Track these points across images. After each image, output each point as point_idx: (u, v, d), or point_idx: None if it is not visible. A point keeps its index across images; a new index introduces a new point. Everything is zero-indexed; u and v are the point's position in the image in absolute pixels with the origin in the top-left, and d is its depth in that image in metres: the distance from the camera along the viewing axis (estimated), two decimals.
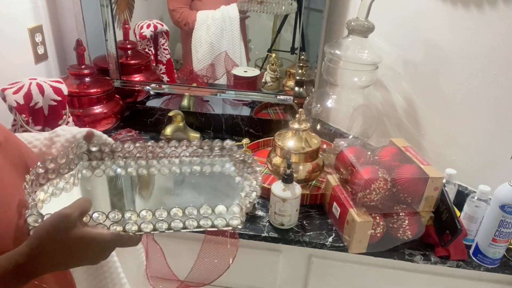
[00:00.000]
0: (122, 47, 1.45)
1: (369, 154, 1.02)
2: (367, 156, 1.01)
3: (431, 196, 0.92)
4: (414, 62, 1.13)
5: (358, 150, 1.02)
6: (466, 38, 1.01)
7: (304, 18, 1.30)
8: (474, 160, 1.07)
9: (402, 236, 0.95)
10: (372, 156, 1.01)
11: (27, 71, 1.30)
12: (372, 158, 1.01)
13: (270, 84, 1.45)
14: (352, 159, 0.96)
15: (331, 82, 1.18)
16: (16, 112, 0.98)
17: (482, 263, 0.95)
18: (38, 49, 1.33)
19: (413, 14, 1.10)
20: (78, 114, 1.26)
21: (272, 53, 1.46)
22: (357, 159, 0.97)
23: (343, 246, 0.97)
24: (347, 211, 0.94)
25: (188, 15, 1.41)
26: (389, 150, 1.01)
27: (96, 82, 1.30)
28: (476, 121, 1.04)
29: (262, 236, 0.98)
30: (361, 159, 0.99)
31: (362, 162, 0.98)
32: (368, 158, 1.01)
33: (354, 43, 1.11)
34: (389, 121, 1.24)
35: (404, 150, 1.00)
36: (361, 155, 1.00)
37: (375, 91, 1.25)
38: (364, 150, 1.03)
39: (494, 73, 0.98)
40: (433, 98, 1.12)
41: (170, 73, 1.53)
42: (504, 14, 0.93)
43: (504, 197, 0.88)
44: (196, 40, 1.43)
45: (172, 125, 1.38)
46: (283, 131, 1.12)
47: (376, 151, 1.02)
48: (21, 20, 1.25)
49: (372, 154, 1.02)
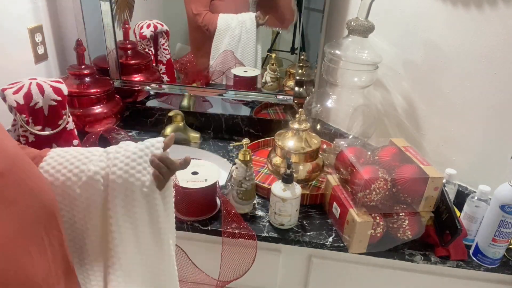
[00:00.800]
0: (122, 47, 1.44)
1: (369, 154, 1.02)
2: (367, 156, 1.01)
3: (431, 196, 0.92)
4: (414, 62, 1.13)
5: (358, 150, 1.01)
6: (466, 38, 1.01)
7: (304, 18, 1.30)
8: (474, 160, 1.07)
9: (402, 236, 0.95)
10: (372, 156, 1.01)
11: (27, 71, 1.30)
12: (372, 158, 1.01)
13: (270, 84, 1.45)
14: (352, 159, 0.96)
15: (331, 82, 1.17)
16: (16, 112, 0.98)
17: (482, 263, 0.95)
18: (38, 49, 1.33)
19: (413, 14, 1.10)
20: (78, 114, 1.26)
21: (272, 53, 1.46)
22: (357, 159, 0.97)
23: (343, 246, 0.97)
24: (347, 211, 0.94)
25: (210, 19, 1.40)
26: (389, 150, 1.01)
27: (96, 82, 1.30)
28: (476, 121, 1.04)
29: (262, 236, 0.98)
30: (361, 159, 0.99)
31: (362, 162, 0.98)
32: (368, 158, 1.01)
33: (354, 43, 1.11)
34: (389, 121, 1.24)
35: (404, 150, 1.00)
36: (361, 155, 1.00)
37: (375, 91, 1.25)
38: (364, 150, 1.03)
39: (494, 73, 0.98)
40: (433, 98, 1.12)
41: (170, 73, 1.53)
42: (504, 14, 0.93)
43: (504, 197, 0.88)
44: (216, 44, 1.43)
45: (172, 125, 1.38)
46: (283, 131, 1.12)
47: (376, 151, 1.02)
48: (21, 20, 1.25)
49: (372, 154, 1.02)
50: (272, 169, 1.11)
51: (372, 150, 1.04)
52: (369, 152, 1.03)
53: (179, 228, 0.99)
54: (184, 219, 1.00)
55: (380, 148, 1.03)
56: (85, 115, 1.27)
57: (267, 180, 1.18)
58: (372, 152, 1.02)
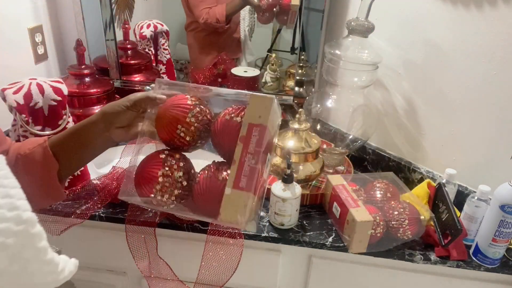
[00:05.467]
0: (122, 47, 1.45)
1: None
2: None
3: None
4: (414, 62, 1.13)
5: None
6: (466, 38, 1.01)
7: (304, 18, 1.30)
8: (474, 160, 1.07)
9: (402, 236, 0.95)
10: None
11: (27, 71, 1.30)
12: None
13: (270, 84, 1.45)
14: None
15: (331, 82, 1.17)
16: (16, 112, 0.98)
17: (482, 263, 0.95)
18: (38, 49, 1.33)
19: (413, 14, 1.10)
20: (78, 114, 1.26)
21: (272, 53, 1.46)
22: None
23: (343, 246, 0.97)
24: (347, 211, 0.94)
25: (213, 11, 1.40)
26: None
27: (96, 82, 1.30)
28: (476, 121, 1.04)
29: (262, 236, 0.98)
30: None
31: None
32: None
33: (354, 43, 1.11)
34: (389, 121, 1.24)
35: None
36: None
37: (375, 91, 1.25)
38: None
39: (494, 73, 0.98)
40: (433, 98, 1.12)
41: (170, 73, 1.53)
42: (504, 14, 0.93)
43: (504, 197, 0.88)
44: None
45: None
46: (283, 131, 1.12)
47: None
48: (21, 20, 1.25)
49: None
50: (272, 169, 1.11)
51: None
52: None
53: (179, 228, 1.00)
54: (185, 220, 1.00)
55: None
56: (85, 115, 1.27)
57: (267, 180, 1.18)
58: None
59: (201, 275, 0.91)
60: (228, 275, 0.91)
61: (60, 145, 0.80)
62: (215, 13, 1.40)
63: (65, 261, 0.58)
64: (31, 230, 0.50)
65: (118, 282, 1.16)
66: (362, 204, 0.95)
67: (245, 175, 0.77)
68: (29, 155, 0.77)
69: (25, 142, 0.80)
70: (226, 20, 1.42)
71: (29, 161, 0.77)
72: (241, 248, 0.92)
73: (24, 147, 0.78)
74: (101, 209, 1.01)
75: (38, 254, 0.52)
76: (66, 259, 0.58)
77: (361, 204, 0.95)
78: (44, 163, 0.77)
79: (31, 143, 0.79)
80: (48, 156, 0.77)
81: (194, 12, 1.41)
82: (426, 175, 1.15)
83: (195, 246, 1.02)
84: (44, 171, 0.78)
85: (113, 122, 0.83)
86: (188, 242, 1.04)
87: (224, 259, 0.92)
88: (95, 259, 1.13)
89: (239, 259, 0.92)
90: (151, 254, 0.97)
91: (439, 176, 1.13)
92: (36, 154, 0.77)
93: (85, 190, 1.04)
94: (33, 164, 0.77)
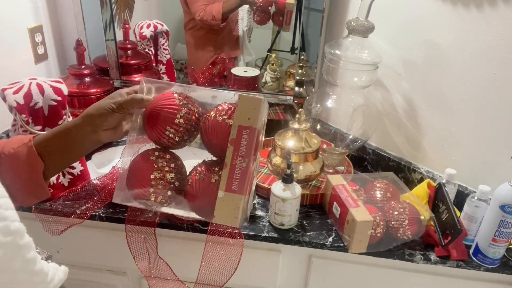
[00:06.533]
0: (122, 47, 1.44)
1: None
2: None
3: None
4: (414, 62, 1.13)
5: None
6: (466, 38, 1.01)
7: (304, 18, 1.30)
8: (474, 160, 1.07)
9: (402, 236, 0.95)
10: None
11: (27, 71, 1.30)
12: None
13: (270, 84, 1.45)
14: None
15: (331, 82, 1.17)
16: (16, 112, 0.98)
17: (482, 263, 0.95)
18: (38, 49, 1.33)
19: (413, 14, 1.10)
20: (78, 114, 1.24)
21: (272, 53, 1.46)
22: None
23: (343, 246, 0.97)
24: (347, 211, 0.94)
25: (210, 8, 1.41)
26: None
27: (96, 82, 1.30)
28: (476, 121, 1.04)
29: (262, 236, 0.98)
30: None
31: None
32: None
33: (354, 43, 1.11)
34: (389, 121, 1.24)
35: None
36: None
37: (375, 91, 1.25)
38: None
39: (494, 73, 0.98)
40: (433, 98, 1.12)
41: (170, 73, 1.53)
42: (504, 14, 0.93)
43: (504, 197, 0.88)
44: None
45: None
46: (283, 131, 1.12)
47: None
48: (21, 20, 1.25)
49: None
50: (272, 169, 1.11)
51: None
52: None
53: (179, 228, 1.00)
54: (185, 220, 1.00)
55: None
56: None
57: (267, 180, 1.18)
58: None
59: (201, 275, 0.91)
60: (228, 275, 0.91)
61: (46, 145, 0.78)
62: (212, 10, 1.40)
63: (54, 269, 0.57)
64: (20, 241, 0.50)
65: (118, 282, 1.16)
66: (362, 204, 0.95)
67: (237, 178, 0.78)
68: (14, 154, 0.76)
69: (9, 141, 0.78)
70: (223, 18, 1.41)
71: (13, 161, 0.75)
72: (241, 248, 0.92)
73: (8, 146, 0.77)
74: (101, 209, 1.01)
75: (27, 265, 0.51)
76: (55, 267, 0.58)
77: (361, 204, 0.95)
78: (29, 162, 0.76)
79: (15, 142, 0.77)
80: (33, 156, 0.76)
81: (192, 8, 1.41)
82: (426, 175, 1.15)
83: (195, 246, 1.02)
84: (28, 170, 0.76)
85: (100, 125, 0.81)
86: (188, 242, 1.04)
87: (224, 259, 0.92)
88: (95, 259, 1.13)
89: (239, 259, 0.91)
90: (151, 254, 0.97)
91: (439, 176, 1.13)
92: (20, 154, 0.76)
93: (85, 190, 1.04)
94: (17, 164, 0.76)
